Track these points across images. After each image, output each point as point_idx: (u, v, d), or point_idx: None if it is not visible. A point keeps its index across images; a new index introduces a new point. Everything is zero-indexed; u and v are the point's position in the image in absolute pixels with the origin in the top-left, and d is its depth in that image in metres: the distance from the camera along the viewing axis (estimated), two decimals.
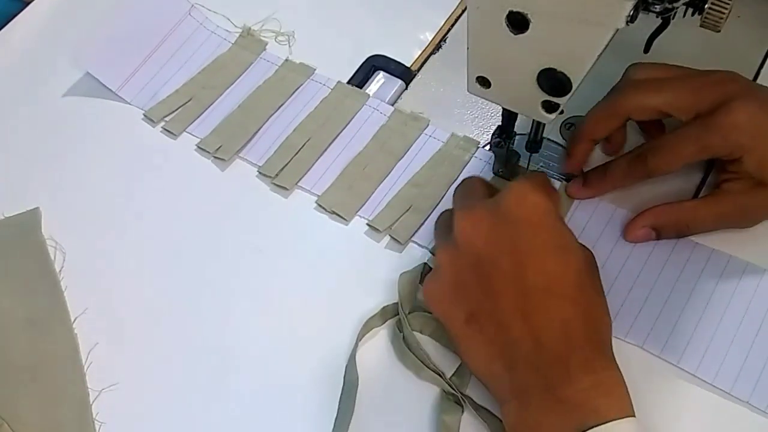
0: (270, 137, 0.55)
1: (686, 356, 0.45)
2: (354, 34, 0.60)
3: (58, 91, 0.59)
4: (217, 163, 0.55)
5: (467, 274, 0.41)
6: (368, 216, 0.51)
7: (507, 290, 0.39)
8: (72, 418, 0.45)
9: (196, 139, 0.56)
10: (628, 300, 0.47)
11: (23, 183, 0.54)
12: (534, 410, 0.38)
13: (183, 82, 0.58)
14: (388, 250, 0.50)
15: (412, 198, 0.52)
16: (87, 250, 0.51)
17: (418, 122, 0.55)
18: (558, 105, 0.41)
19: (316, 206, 0.52)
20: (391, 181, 0.53)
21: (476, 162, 0.53)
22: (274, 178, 0.53)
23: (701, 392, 0.44)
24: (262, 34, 0.61)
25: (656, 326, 0.46)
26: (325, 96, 0.57)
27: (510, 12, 0.37)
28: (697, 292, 0.47)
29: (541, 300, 0.39)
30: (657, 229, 0.48)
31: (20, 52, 0.61)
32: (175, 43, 0.60)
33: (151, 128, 0.57)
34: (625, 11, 0.35)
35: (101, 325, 0.48)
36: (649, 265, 0.48)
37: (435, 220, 0.48)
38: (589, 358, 0.38)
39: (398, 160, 0.53)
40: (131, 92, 0.58)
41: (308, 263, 0.50)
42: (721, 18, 0.38)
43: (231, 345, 0.47)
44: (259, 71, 0.59)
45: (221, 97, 0.57)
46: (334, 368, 0.45)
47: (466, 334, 0.41)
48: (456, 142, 0.54)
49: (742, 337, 0.45)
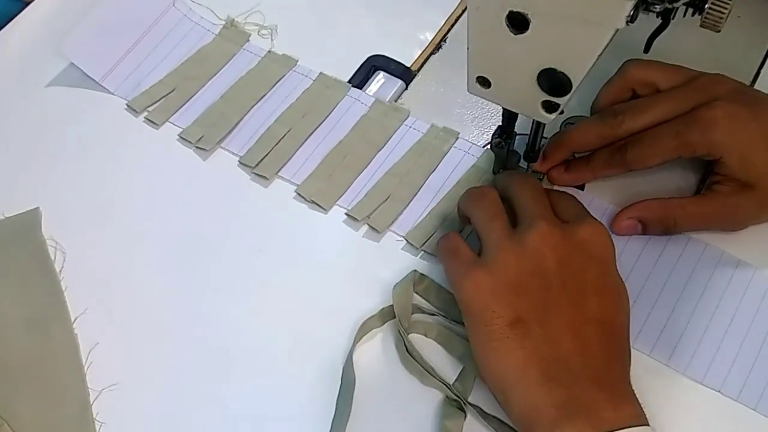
0: (252, 127, 0.55)
1: (675, 356, 0.45)
2: (354, 34, 0.60)
3: (58, 90, 0.59)
4: (199, 152, 0.55)
5: (528, 278, 0.41)
6: (347, 205, 0.52)
7: (566, 310, 0.40)
8: (72, 418, 0.45)
9: (179, 129, 0.56)
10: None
11: (22, 182, 0.54)
12: (569, 426, 0.38)
13: (166, 73, 0.58)
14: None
15: (392, 188, 0.52)
16: (87, 250, 0.51)
17: (399, 113, 0.55)
18: (558, 105, 0.41)
19: (296, 195, 0.52)
20: (371, 171, 0.53)
21: (455, 152, 0.53)
22: (254, 168, 0.53)
23: (695, 390, 0.44)
24: (246, 26, 0.61)
25: (644, 328, 0.46)
26: (307, 87, 0.57)
27: (510, 12, 0.37)
28: (697, 293, 0.47)
29: (595, 329, 0.40)
30: (643, 222, 0.48)
31: (20, 52, 0.61)
32: (159, 34, 0.60)
33: (133, 118, 0.57)
34: (625, 11, 0.35)
35: (101, 325, 0.48)
36: (640, 265, 0.48)
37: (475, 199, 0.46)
38: (623, 391, 0.39)
39: (378, 150, 0.54)
40: (115, 83, 0.58)
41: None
42: (721, 18, 0.38)
43: (230, 343, 0.47)
44: (241, 62, 0.59)
45: (204, 87, 0.58)
46: (334, 368, 0.45)
47: (505, 335, 0.40)
48: (435, 132, 0.54)
49: (743, 338, 0.45)
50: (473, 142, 0.54)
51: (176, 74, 0.58)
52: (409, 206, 0.51)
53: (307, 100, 0.56)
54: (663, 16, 0.38)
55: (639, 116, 0.47)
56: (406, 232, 0.50)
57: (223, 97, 0.57)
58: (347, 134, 0.54)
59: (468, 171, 0.52)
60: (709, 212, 0.47)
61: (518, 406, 0.39)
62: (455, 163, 0.53)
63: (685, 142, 0.45)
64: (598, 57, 0.38)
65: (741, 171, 0.45)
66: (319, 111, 0.56)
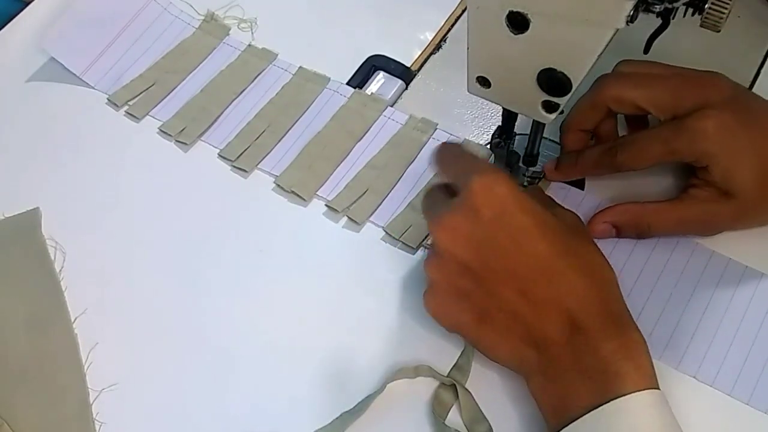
0: (232, 122, 0.56)
1: (686, 360, 0.45)
2: (354, 34, 0.60)
3: (58, 90, 0.59)
4: (180, 146, 0.55)
5: (461, 280, 0.41)
6: (327, 196, 0.52)
7: (507, 283, 0.40)
8: (72, 418, 0.45)
9: (159, 123, 0.56)
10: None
11: (21, 181, 0.55)
12: (560, 382, 0.39)
13: (147, 67, 0.59)
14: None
15: (371, 180, 0.52)
16: (87, 250, 0.51)
17: (378, 103, 0.55)
18: (558, 105, 0.41)
19: (275, 187, 0.53)
20: (351, 161, 0.53)
21: (434, 143, 0.53)
22: (234, 161, 0.54)
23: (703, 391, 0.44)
24: (225, 20, 0.61)
25: (656, 329, 0.46)
26: (286, 81, 0.57)
27: (510, 12, 0.37)
28: (704, 299, 0.47)
29: (543, 283, 0.39)
30: (617, 226, 0.48)
31: (20, 52, 0.61)
32: (139, 28, 0.61)
33: (114, 112, 0.57)
34: (625, 11, 0.35)
35: (101, 325, 0.48)
36: (648, 269, 0.48)
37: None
38: (607, 324, 0.39)
39: (357, 140, 0.54)
40: (95, 77, 0.59)
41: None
42: (721, 18, 0.38)
43: (230, 342, 0.47)
44: (222, 56, 0.59)
45: (184, 81, 0.58)
46: (334, 368, 0.46)
47: (481, 334, 0.42)
48: (414, 123, 0.54)
49: (743, 339, 0.45)
50: (451, 133, 0.54)
51: (157, 68, 0.59)
52: (388, 197, 0.52)
53: (287, 94, 0.57)
54: (663, 16, 0.38)
55: (630, 88, 0.46)
56: (386, 223, 0.51)
57: (204, 90, 0.57)
58: (326, 125, 0.55)
59: None
60: (685, 218, 0.47)
61: (523, 375, 0.42)
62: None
63: (673, 149, 0.45)
64: (598, 57, 0.38)
65: (724, 180, 0.44)
66: (299, 105, 0.56)
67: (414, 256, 0.49)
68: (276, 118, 0.55)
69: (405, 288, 0.48)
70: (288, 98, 0.56)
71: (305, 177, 0.52)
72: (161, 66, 0.59)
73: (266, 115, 0.56)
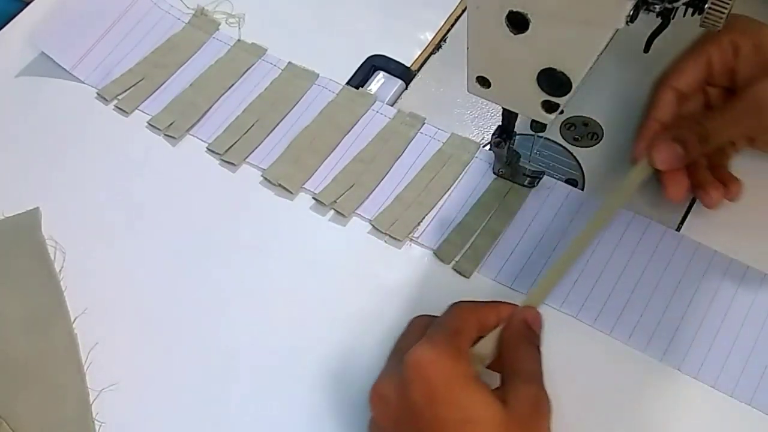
0: (221, 116, 0.56)
1: (687, 361, 0.45)
2: (354, 34, 0.60)
3: (58, 89, 0.59)
4: (168, 139, 0.55)
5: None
6: (314, 189, 0.52)
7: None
8: (72, 418, 0.45)
9: (148, 117, 0.56)
10: (629, 302, 0.47)
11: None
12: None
13: (136, 61, 0.59)
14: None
15: (358, 174, 0.52)
16: (87, 250, 0.51)
17: (366, 98, 0.55)
18: (558, 105, 0.41)
19: (263, 180, 0.53)
20: (338, 155, 0.54)
21: (421, 138, 0.54)
22: (223, 155, 0.54)
23: (703, 391, 0.44)
24: (215, 15, 0.61)
25: (657, 330, 0.46)
26: (275, 76, 0.57)
27: (510, 12, 0.37)
28: (697, 295, 0.47)
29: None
30: (680, 140, 0.46)
31: (20, 52, 0.61)
32: (129, 23, 0.61)
33: (104, 106, 0.57)
34: (625, 11, 0.35)
35: (101, 325, 0.48)
36: (650, 269, 0.48)
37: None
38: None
39: (345, 134, 0.54)
40: (85, 71, 0.59)
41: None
42: (721, 18, 0.38)
43: (229, 342, 0.47)
44: (211, 51, 0.59)
45: (173, 75, 0.58)
46: (333, 366, 0.46)
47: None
48: (402, 118, 0.54)
49: (744, 340, 0.45)
50: (439, 128, 0.54)
51: (146, 62, 0.59)
52: (376, 191, 0.52)
53: (276, 90, 0.57)
54: (663, 16, 0.38)
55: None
56: (373, 216, 0.51)
57: (193, 85, 0.57)
58: (314, 118, 0.55)
59: (433, 156, 0.53)
60: (738, 113, 0.46)
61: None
62: (421, 149, 0.53)
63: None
64: (598, 57, 0.38)
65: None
66: (288, 100, 0.56)
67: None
68: (265, 113, 0.56)
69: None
70: (277, 93, 0.56)
71: (292, 170, 0.53)
72: (150, 60, 0.59)
73: (255, 109, 0.56)
